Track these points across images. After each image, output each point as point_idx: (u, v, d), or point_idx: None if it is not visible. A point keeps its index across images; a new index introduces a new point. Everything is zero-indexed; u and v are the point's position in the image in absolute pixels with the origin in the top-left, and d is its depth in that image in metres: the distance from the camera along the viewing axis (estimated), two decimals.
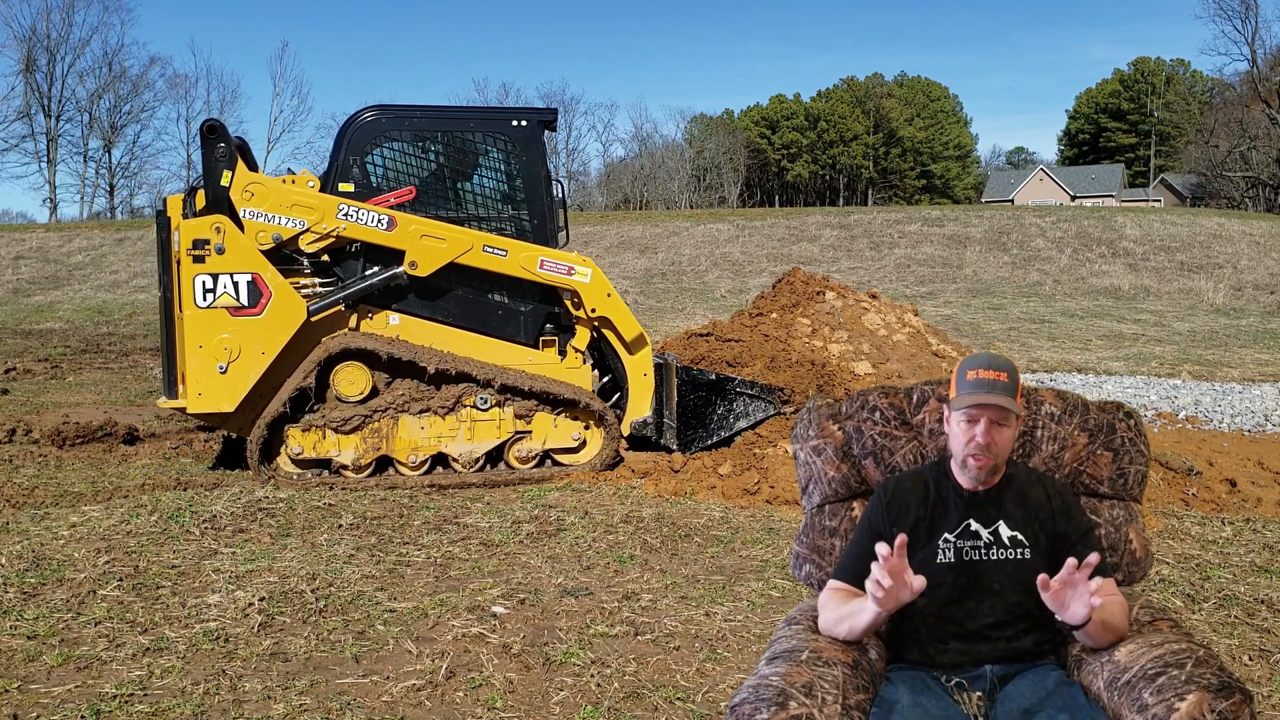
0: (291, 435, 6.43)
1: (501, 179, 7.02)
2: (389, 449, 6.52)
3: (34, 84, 51.11)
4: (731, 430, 6.93)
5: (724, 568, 4.80)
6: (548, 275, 6.62)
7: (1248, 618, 4.15)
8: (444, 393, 6.55)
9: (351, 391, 6.51)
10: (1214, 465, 7.11)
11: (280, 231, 6.42)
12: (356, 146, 6.66)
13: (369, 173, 6.71)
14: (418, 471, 6.58)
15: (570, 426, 6.75)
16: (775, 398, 6.91)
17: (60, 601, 4.15)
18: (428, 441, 6.55)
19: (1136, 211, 33.73)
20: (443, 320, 6.79)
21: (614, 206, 65.45)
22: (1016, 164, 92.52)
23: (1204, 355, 14.77)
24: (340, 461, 6.48)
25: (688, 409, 6.88)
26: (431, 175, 6.89)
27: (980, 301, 21.84)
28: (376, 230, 6.48)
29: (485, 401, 6.55)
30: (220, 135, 6.44)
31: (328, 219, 6.44)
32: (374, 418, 6.48)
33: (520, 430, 6.68)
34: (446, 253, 6.53)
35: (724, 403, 6.92)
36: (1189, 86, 74.40)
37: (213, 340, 6.33)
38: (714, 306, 21.28)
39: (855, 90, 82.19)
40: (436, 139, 6.86)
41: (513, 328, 6.87)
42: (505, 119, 6.87)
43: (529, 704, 3.33)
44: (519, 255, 6.60)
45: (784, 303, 8.01)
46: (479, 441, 6.61)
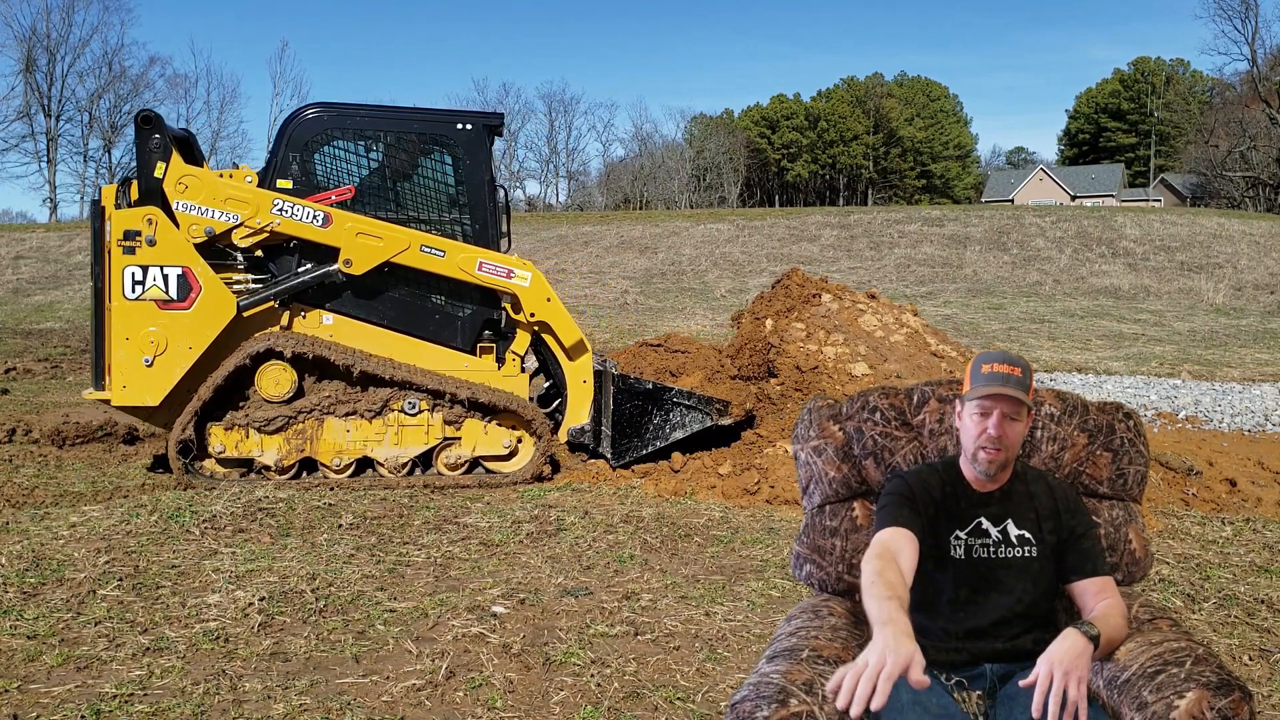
0: (214, 433, 6.35)
1: (444, 181, 6.91)
2: (313, 451, 6.44)
3: (34, 84, 51.14)
4: (667, 440, 6.80)
5: (724, 568, 4.81)
6: (486, 278, 6.55)
7: (1248, 618, 4.15)
8: (371, 396, 6.46)
9: (276, 391, 6.41)
10: (1214, 465, 7.11)
11: (213, 225, 6.34)
12: (297, 143, 6.55)
13: (308, 170, 6.61)
14: (342, 475, 6.49)
15: (501, 434, 6.66)
16: (713, 409, 6.79)
17: (60, 601, 4.15)
18: (353, 445, 6.47)
19: (1136, 211, 33.74)
20: (377, 322, 6.69)
21: (614, 206, 65.46)
22: (1016, 164, 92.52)
23: (1204, 355, 14.77)
24: (263, 462, 6.40)
25: (623, 418, 6.76)
26: (373, 175, 6.80)
27: (980, 301, 21.84)
28: (311, 227, 6.40)
29: (414, 406, 6.48)
30: (155, 126, 6.33)
31: (262, 214, 6.36)
32: (298, 419, 6.39)
33: (449, 436, 6.60)
34: (382, 251, 6.45)
35: (660, 412, 6.78)
36: (1189, 86, 74.42)
37: (140, 333, 6.24)
38: (714, 306, 21.29)
39: (855, 90, 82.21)
40: (379, 139, 6.75)
41: (450, 332, 6.78)
42: (450, 121, 6.77)
43: (529, 704, 3.33)
44: (457, 256, 6.52)
45: (779, 307, 8.00)
46: (406, 446, 6.54)
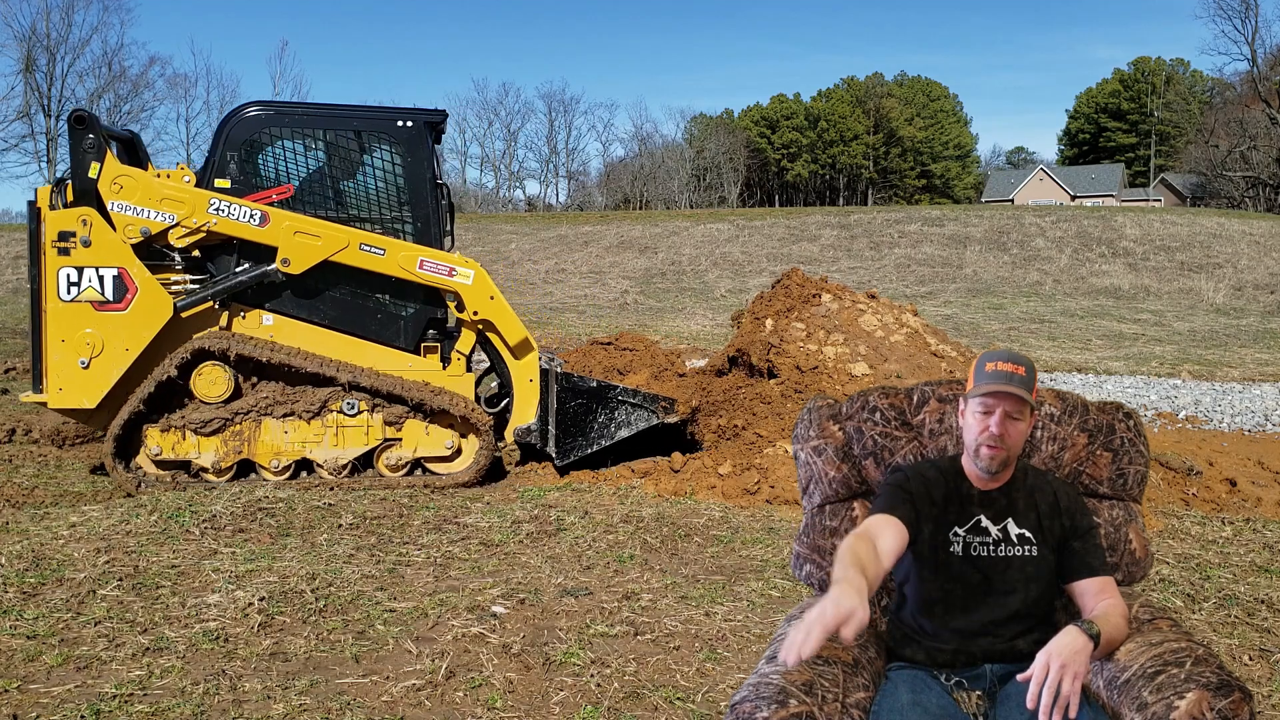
0: (150, 435, 6.30)
1: (385, 179, 6.85)
2: (251, 453, 6.40)
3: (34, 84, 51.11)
4: (613, 439, 6.74)
5: (724, 568, 4.80)
6: (427, 276, 6.50)
7: (1248, 618, 4.15)
8: (309, 396, 6.41)
9: (212, 393, 6.36)
10: (1214, 465, 7.11)
11: (149, 225, 6.28)
12: (234, 142, 6.48)
13: (247, 169, 6.56)
14: (281, 477, 6.45)
15: (443, 435, 6.61)
16: (658, 406, 6.73)
17: (60, 601, 4.15)
18: (291, 446, 6.43)
19: (1136, 211, 33.74)
20: (318, 322, 6.62)
21: (614, 206, 65.47)
22: (1016, 164, 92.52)
23: (1204, 355, 14.77)
24: (200, 464, 6.36)
25: (567, 416, 6.70)
26: (313, 173, 6.75)
27: (980, 301, 21.84)
28: (248, 226, 6.35)
29: (353, 407, 6.43)
30: (89, 126, 6.26)
31: (198, 214, 6.30)
32: (235, 420, 6.34)
33: (390, 437, 6.55)
34: (320, 250, 6.40)
35: (605, 411, 6.73)
36: (1189, 86, 74.44)
37: (76, 335, 6.18)
38: (714, 306, 21.29)
39: (855, 90, 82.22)
40: (319, 137, 6.69)
41: (392, 331, 6.72)
42: (390, 119, 6.71)
43: (529, 704, 3.33)
44: (397, 255, 6.46)
45: (779, 307, 7.99)
46: (346, 448, 6.49)
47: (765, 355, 7.48)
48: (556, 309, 21.01)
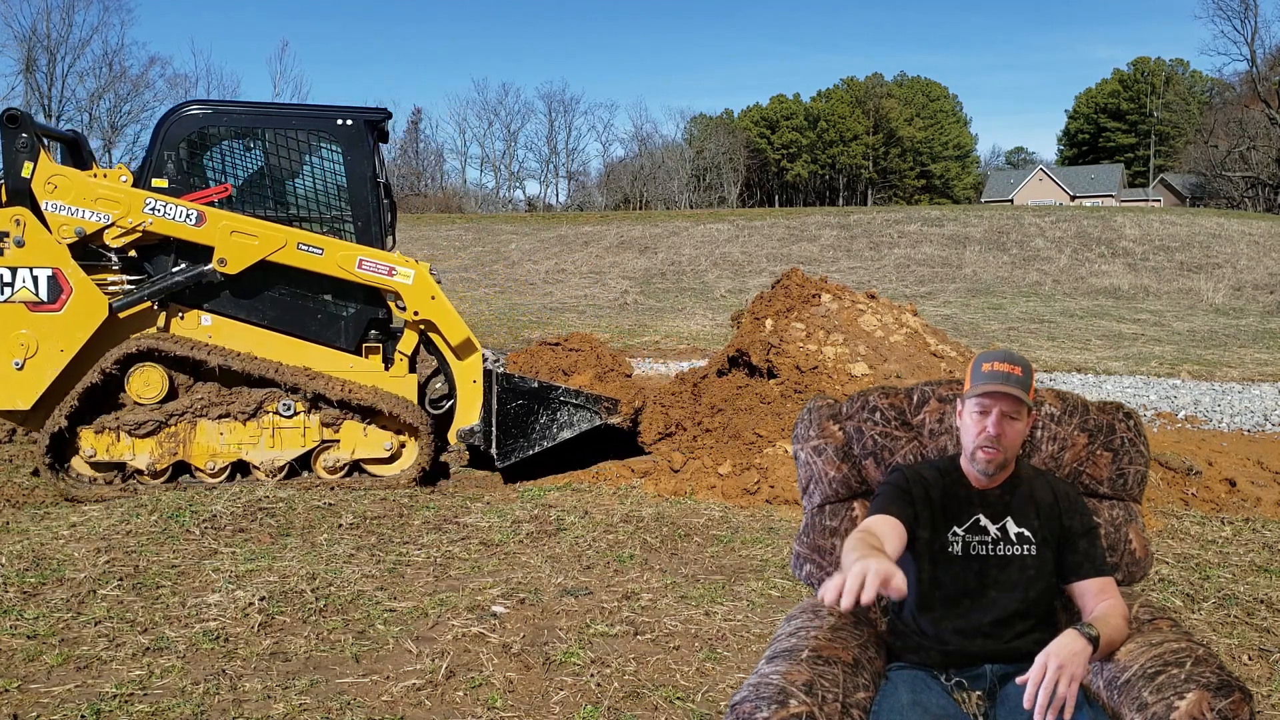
0: (84, 437, 6.21)
1: (325, 178, 6.77)
2: (186, 454, 6.32)
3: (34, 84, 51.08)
4: (555, 440, 6.63)
5: (724, 567, 4.81)
6: (367, 275, 6.44)
7: (1247, 617, 4.15)
8: (245, 398, 6.37)
9: (147, 394, 6.29)
10: (1214, 465, 7.12)
11: (84, 225, 6.22)
12: (172, 141, 6.39)
13: (184, 168, 6.48)
14: (217, 479, 6.40)
15: (381, 436, 6.55)
16: (601, 407, 6.65)
17: (60, 601, 4.16)
18: (227, 448, 6.37)
19: (1136, 211, 33.75)
20: (257, 322, 6.54)
21: (614, 206, 65.48)
22: (1016, 164, 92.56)
23: (1203, 355, 14.77)
24: (135, 466, 6.29)
25: (508, 417, 6.58)
26: (251, 172, 6.65)
27: (980, 301, 21.84)
28: (184, 226, 6.28)
29: (289, 408, 6.38)
30: (21, 125, 6.19)
31: (134, 214, 6.24)
32: (170, 422, 6.26)
33: (328, 439, 6.49)
34: (257, 250, 6.33)
35: (547, 411, 6.62)
36: (1189, 86, 74.47)
37: (9, 336, 6.11)
38: (714, 306, 21.29)
39: (855, 90, 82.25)
40: (258, 136, 6.59)
41: (333, 332, 6.63)
42: (330, 118, 6.64)
43: (529, 704, 3.33)
44: (336, 254, 6.37)
45: (779, 307, 7.99)
46: (282, 449, 6.42)
47: (765, 355, 7.48)
48: (556, 309, 21.01)
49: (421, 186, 65.89)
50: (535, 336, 16.89)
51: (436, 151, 75.72)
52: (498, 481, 6.73)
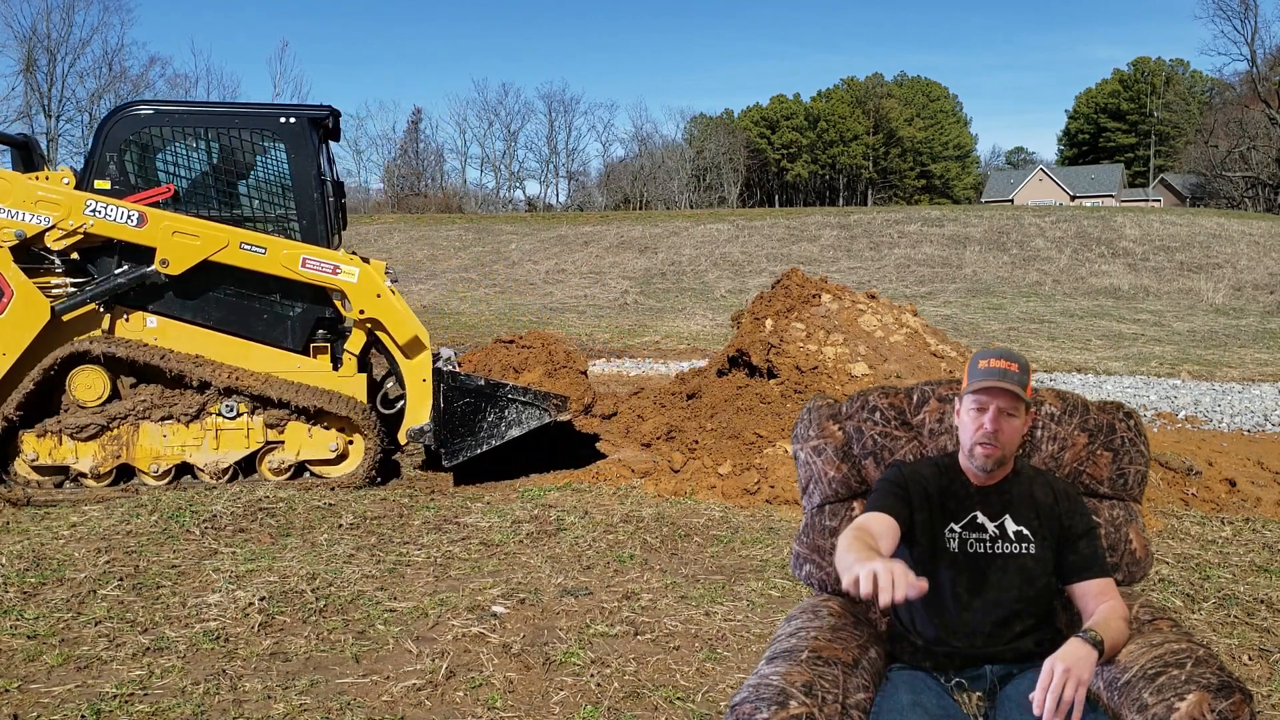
0: (26, 441, 6.18)
1: (269, 177, 6.69)
2: (130, 457, 6.30)
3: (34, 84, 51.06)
4: (503, 439, 6.54)
5: (724, 568, 4.80)
6: (311, 274, 6.38)
7: (1247, 617, 4.15)
8: (187, 399, 6.32)
9: (89, 396, 6.25)
10: (1214, 465, 7.12)
11: (24, 228, 6.18)
12: (114, 142, 6.36)
13: (127, 170, 6.44)
14: (162, 481, 6.37)
15: (327, 437, 6.50)
16: (549, 404, 6.53)
17: (60, 601, 4.16)
18: (171, 450, 6.32)
19: (1136, 211, 33.74)
20: (203, 323, 6.51)
21: (614, 206, 65.48)
22: (1016, 164, 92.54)
23: (1204, 355, 14.77)
24: (78, 469, 6.24)
25: (454, 416, 6.49)
26: (195, 172, 6.63)
27: (980, 301, 21.84)
28: (126, 227, 6.25)
29: (231, 409, 6.34)
30: None
31: (74, 215, 6.21)
32: (113, 425, 6.24)
33: (272, 440, 6.45)
34: (199, 250, 6.30)
35: (494, 409, 6.51)
36: (1189, 86, 74.45)
37: None
38: (714, 306, 21.29)
39: (855, 90, 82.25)
40: (200, 135, 6.55)
41: (279, 332, 6.59)
42: (273, 116, 6.58)
43: (529, 704, 3.33)
44: (279, 253, 6.33)
45: (779, 307, 7.99)
46: (226, 451, 6.39)
47: (765, 355, 7.48)
48: (556, 309, 21.01)
49: (421, 186, 65.90)
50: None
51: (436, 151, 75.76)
52: (498, 482, 6.72)
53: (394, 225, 35.72)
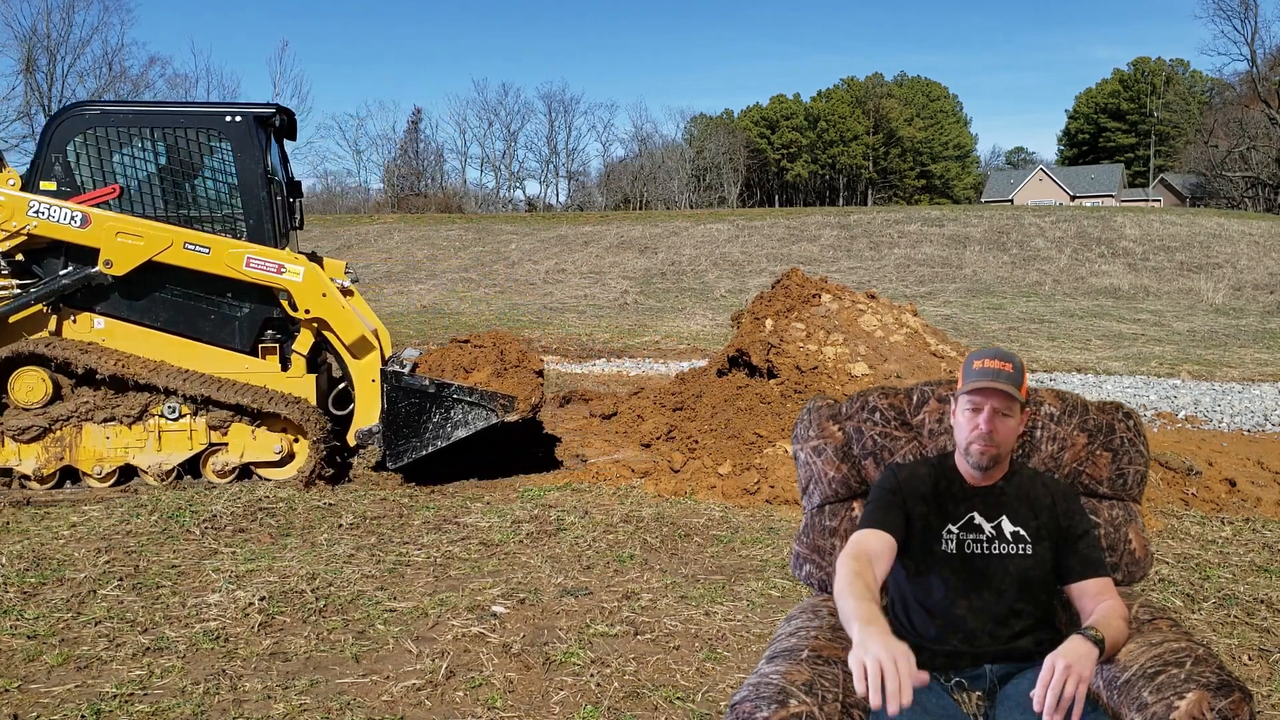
0: None
1: (216, 176, 6.65)
2: (73, 459, 6.29)
3: (34, 84, 51.06)
4: (449, 440, 6.44)
5: (724, 567, 4.81)
6: (255, 274, 6.36)
7: (1247, 617, 4.15)
8: (129, 401, 6.29)
9: (30, 398, 6.22)
10: (1214, 465, 7.12)
11: None
12: (59, 144, 6.36)
13: (72, 170, 6.45)
14: (105, 484, 6.35)
15: (271, 439, 6.47)
16: (497, 404, 6.41)
17: (60, 601, 4.16)
18: (114, 452, 6.32)
19: (1136, 211, 33.74)
20: (151, 324, 6.50)
21: (614, 206, 65.47)
22: (1016, 164, 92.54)
23: (1204, 355, 14.77)
24: (21, 471, 6.23)
25: (399, 417, 6.40)
26: (141, 172, 6.59)
27: (980, 301, 21.84)
28: (70, 228, 6.25)
29: (174, 411, 6.31)
30: None
31: (18, 217, 6.21)
32: (55, 426, 6.22)
33: (216, 442, 6.44)
34: (143, 250, 6.29)
35: (440, 410, 6.41)
36: (1189, 86, 74.45)
37: None
38: (714, 306, 21.29)
39: (855, 90, 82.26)
40: (145, 135, 6.53)
41: (227, 333, 6.57)
42: (219, 115, 6.56)
43: (529, 704, 3.33)
44: (223, 253, 6.32)
45: (779, 307, 7.99)
46: (169, 453, 6.37)
47: (765, 355, 7.49)
48: (556, 309, 21.02)
49: (421, 186, 65.90)
50: (535, 337, 16.90)
51: (436, 151, 75.79)
52: (498, 482, 6.72)
53: (394, 225, 35.71)
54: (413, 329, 17.29)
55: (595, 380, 12.22)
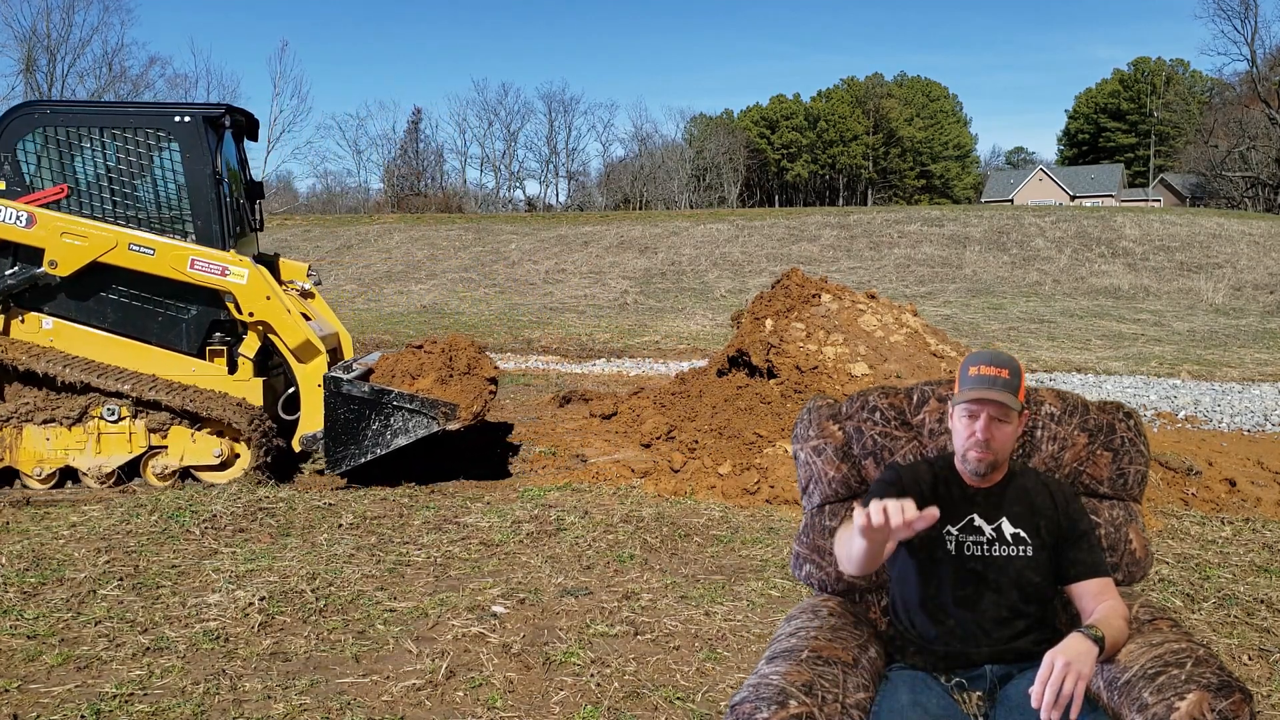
0: None
1: (163, 177, 6.62)
2: (13, 460, 6.28)
3: (34, 84, 51.09)
4: (389, 448, 6.34)
5: (724, 567, 4.80)
6: (199, 276, 6.33)
7: (1247, 617, 4.15)
8: (69, 403, 6.28)
9: None
10: (1214, 465, 7.12)
11: None
12: (8, 143, 6.36)
13: (20, 170, 6.42)
14: (45, 485, 6.33)
15: (210, 443, 6.45)
16: (438, 412, 6.31)
17: (60, 601, 4.16)
18: (54, 454, 6.30)
19: (1136, 211, 33.73)
20: (98, 325, 6.50)
21: (614, 206, 65.48)
22: (1016, 164, 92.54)
23: (1203, 355, 14.77)
24: None
25: (338, 424, 6.31)
26: (89, 173, 6.57)
27: (980, 301, 21.84)
28: (14, 228, 6.26)
29: (113, 413, 6.29)
30: None
31: None
32: None
33: (156, 445, 6.42)
34: (87, 251, 6.29)
35: (380, 418, 6.31)
36: (1189, 86, 74.46)
37: None
38: (714, 306, 21.29)
39: (855, 90, 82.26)
40: (94, 135, 6.49)
41: (174, 335, 6.56)
42: (167, 114, 6.55)
43: (529, 704, 3.33)
44: (167, 255, 6.30)
45: (779, 307, 7.99)
46: (109, 455, 6.35)
47: (765, 355, 7.49)
48: (556, 309, 21.02)
49: (421, 186, 65.91)
50: (536, 337, 16.91)
51: (436, 151, 75.84)
52: (498, 482, 6.72)
53: (394, 225, 35.71)
54: (413, 329, 17.30)
55: (595, 380, 12.22)
